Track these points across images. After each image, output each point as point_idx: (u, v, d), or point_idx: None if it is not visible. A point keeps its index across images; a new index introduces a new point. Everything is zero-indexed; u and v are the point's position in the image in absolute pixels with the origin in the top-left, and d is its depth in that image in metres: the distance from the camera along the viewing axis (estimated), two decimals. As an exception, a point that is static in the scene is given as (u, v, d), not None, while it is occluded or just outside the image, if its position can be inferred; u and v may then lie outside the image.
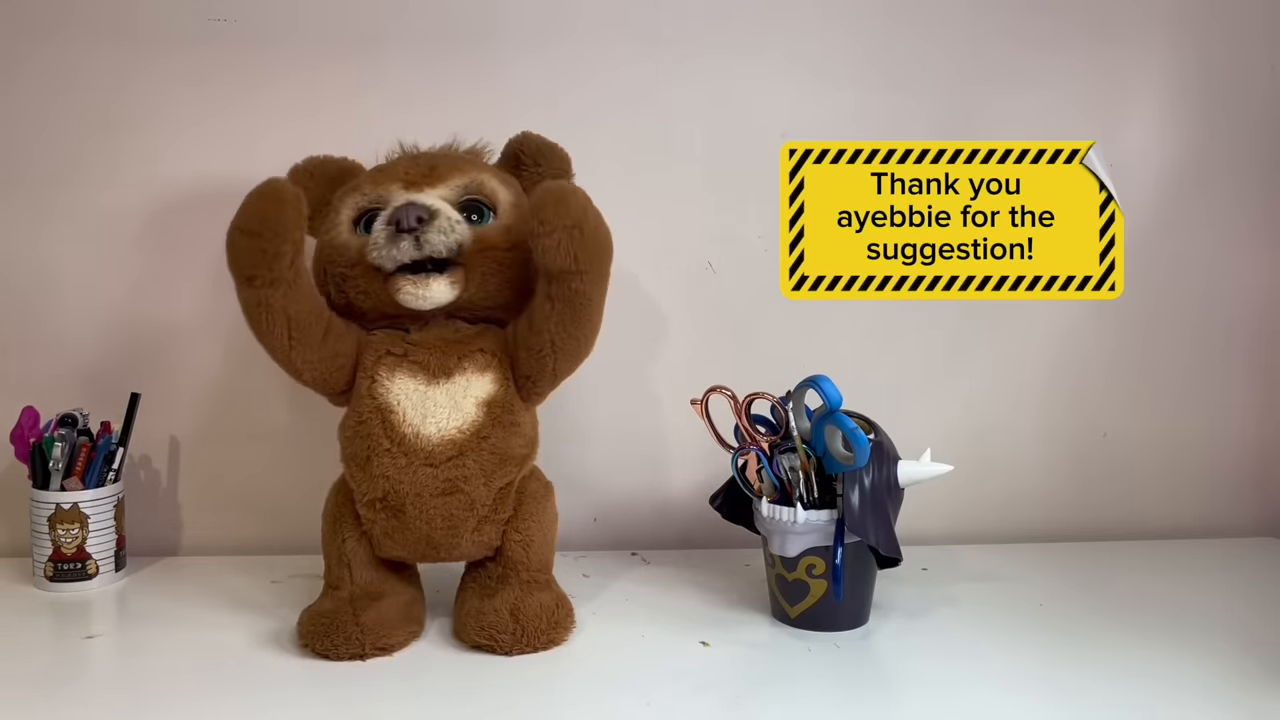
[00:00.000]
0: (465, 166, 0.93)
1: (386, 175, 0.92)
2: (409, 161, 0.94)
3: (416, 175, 0.91)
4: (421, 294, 0.87)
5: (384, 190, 0.91)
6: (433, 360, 0.88)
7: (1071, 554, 1.10)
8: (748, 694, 0.81)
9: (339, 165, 0.99)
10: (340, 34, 1.14)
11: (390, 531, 0.88)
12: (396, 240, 0.85)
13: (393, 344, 0.89)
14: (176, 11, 1.13)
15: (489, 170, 0.94)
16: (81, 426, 1.04)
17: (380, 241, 0.86)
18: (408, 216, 0.85)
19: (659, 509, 1.21)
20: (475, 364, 0.88)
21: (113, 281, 1.14)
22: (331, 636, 0.84)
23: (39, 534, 1.02)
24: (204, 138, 1.14)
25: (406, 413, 0.87)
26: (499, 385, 0.89)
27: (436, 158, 0.94)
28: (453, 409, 0.87)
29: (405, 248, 0.85)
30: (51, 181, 1.13)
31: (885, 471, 0.90)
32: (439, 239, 0.86)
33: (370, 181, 0.93)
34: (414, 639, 0.88)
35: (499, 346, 0.90)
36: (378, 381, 0.88)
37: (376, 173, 0.94)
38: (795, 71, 1.19)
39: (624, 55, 1.17)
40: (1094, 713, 0.78)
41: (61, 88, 1.13)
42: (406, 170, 0.92)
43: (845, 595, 0.90)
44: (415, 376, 0.88)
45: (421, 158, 0.94)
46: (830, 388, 0.86)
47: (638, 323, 1.18)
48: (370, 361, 0.89)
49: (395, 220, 0.85)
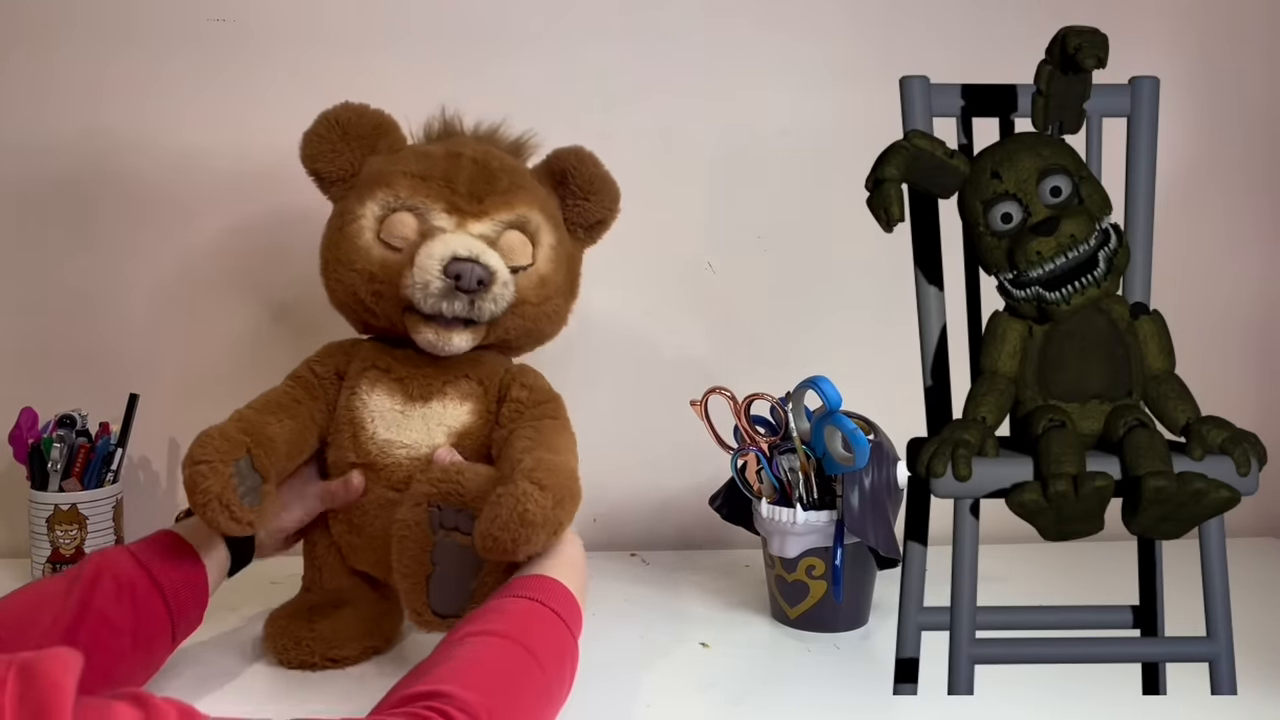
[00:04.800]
0: (514, 197, 0.86)
1: (427, 185, 0.84)
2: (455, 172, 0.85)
3: (461, 199, 0.84)
4: (442, 345, 0.83)
5: (421, 201, 0.83)
6: (415, 382, 0.85)
7: (1072, 554, 1.10)
8: (748, 694, 0.81)
9: (374, 121, 0.89)
10: (340, 34, 1.14)
11: (353, 546, 0.86)
12: (452, 296, 0.80)
13: (379, 357, 0.86)
14: (176, 11, 1.13)
15: (536, 200, 0.87)
16: (80, 427, 1.04)
17: (434, 289, 0.80)
18: (470, 277, 0.79)
19: (659, 509, 1.21)
20: (458, 391, 0.85)
21: (111, 282, 1.14)
22: (283, 639, 0.82)
23: (38, 535, 1.02)
24: (203, 137, 1.14)
25: (377, 432, 0.84)
26: (477, 417, 0.86)
27: (486, 177, 0.85)
28: (424, 434, 0.84)
29: (458, 306, 0.80)
30: (49, 183, 1.13)
31: (885, 472, 0.90)
32: (489, 308, 0.82)
33: (407, 184, 0.84)
34: (373, 654, 0.85)
35: (489, 375, 0.87)
36: (356, 394, 0.86)
37: (417, 174, 0.85)
38: (796, 70, 1.19)
39: (624, 54, 1.17)
40: (1093, 713, 0.78)
41: (61, 88, 1.13)
42: (452, 190, 0.84)
43: (845, 596, 0.90)
44: (394, 395, 0.85)
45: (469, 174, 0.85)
46: (830, 388, 0.86)
47: (638, 323, 1.18)
48: (355, 372, 0.87)
49: (457, 274, 0.79)
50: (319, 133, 0.87)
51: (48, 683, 0.42)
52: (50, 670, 0.43)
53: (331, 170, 0.87)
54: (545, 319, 0.88)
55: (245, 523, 0.75)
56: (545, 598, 0.70)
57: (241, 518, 0.75)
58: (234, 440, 0.76)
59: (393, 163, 0.86)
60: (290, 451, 0.82)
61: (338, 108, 0.88)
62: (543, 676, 0.65)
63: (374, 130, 0.89)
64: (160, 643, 0.75)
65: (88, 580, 0.71)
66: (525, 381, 0.87)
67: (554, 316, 0.89)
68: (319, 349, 0.90)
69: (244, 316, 1.16)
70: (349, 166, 0.87)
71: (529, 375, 0.88)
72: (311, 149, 0.87)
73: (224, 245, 1.15)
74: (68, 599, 0.70)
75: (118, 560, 0.74)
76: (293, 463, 0.84)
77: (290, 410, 0.83)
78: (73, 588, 0.71)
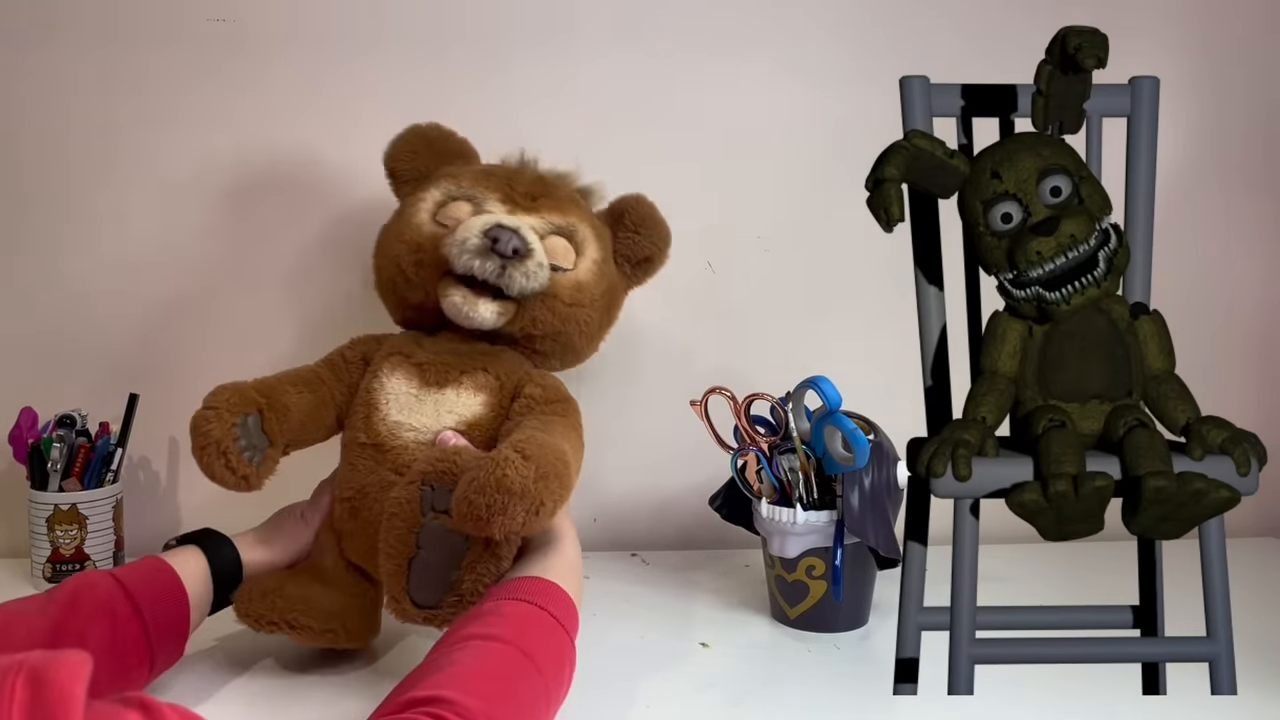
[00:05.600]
0: (568, 207, 0.89)
1: (489, 179, 0.89)
2: (518, 174, 0.90)
3: (518, 195, 0.88)
4: (467, 311, 0.83)
5: (480, 191, 0.88)
6: (433, 368, 0.86)
7: (1072, 554, 1.10)
8: (748, 694, 0.81)
9: (457, 145, 0.95)
10: (340, 34, 1.14)
11: (350, 533, 0.86)
12: (486, 255, 0.81)
13: (404, 344, 0.88)
14: (176, 11, 1.13)
15: (589, 219, 0.91)
16: (80, 427, 1.04)
17: (470, 245, 0.82)
18: (508, 243, 0.81)
19: (658, 509, 1.21)
20: (473, 382, 0.85)
21: (112, 281, 1.14)
22: (251, 590, 0.82)
23: (37, 535, 1.02)
24: (203, 138, 1.14)
25: (389, 413, 0.84)
26: (489, 410, 0.85)
27: (545, 186, 0.90)
28: (434, 419, 0.84)
29: (490, 267, 0.81)
30: (50, 182, 1.13)
31: (885, 472, 0.90)
32: (519, 280, 0.82)
33: (470, 177, 0.89)
34: (330, 640, 0.82)
35: (507, 372, 0.86)
36: (376, 377, 0.86)
37: (481, 171, 0.91)
38: (796, 70, 1.19)
39: (624, 55, 1.17)
40: (1093, 713, 0.78)
41: (60, 88, 1.13)
42: (511, 183, 0.88)
43: (845, 596, 0.90)
44: (410, 380, 0.86)
45: (530, 177, 0.90)
46: (830, 388, 0.86)
47: (638, 323, 1.18)
48: (380, 358, 0.88)
49: (495, 237, 0.81)
50: (406, 139, 0.93)
51: (58, 691, 0.42)
52: (60, 677, 0.42)
53: (407, 170, 0.93)
54: (575, 325, 0.88)
55: (240, 475, 0.77)
56: (544, 601, 0.70)
57: (237, 468, 0.76)
58: (247, 396, 0.79)
59: (461, 166, 0.92)
60: (305, 423, 0.85)
61: (429, 125, 0.94)
62: (541, 682, 0.65)
63: (455, 151, 0.94)
64: (137, 671, 0.73)
65: (65, 599, 0.70)
66: (540, 382, 0.87)
67: (585, 328, 0.89)
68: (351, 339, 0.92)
69: (244, 316, 1.16)
70: (423, 170, 0.92)
71: (547, 377, 0.88)
72: (395, 149, 0.93)
73: (224, 244, 1.15)
74: (43, 617, 0.69)
75: (98, 582, 0.73)
76: (306, 435, 0.86)
77: (312, 385, 0.86)
78: (49, 606, 0.70)
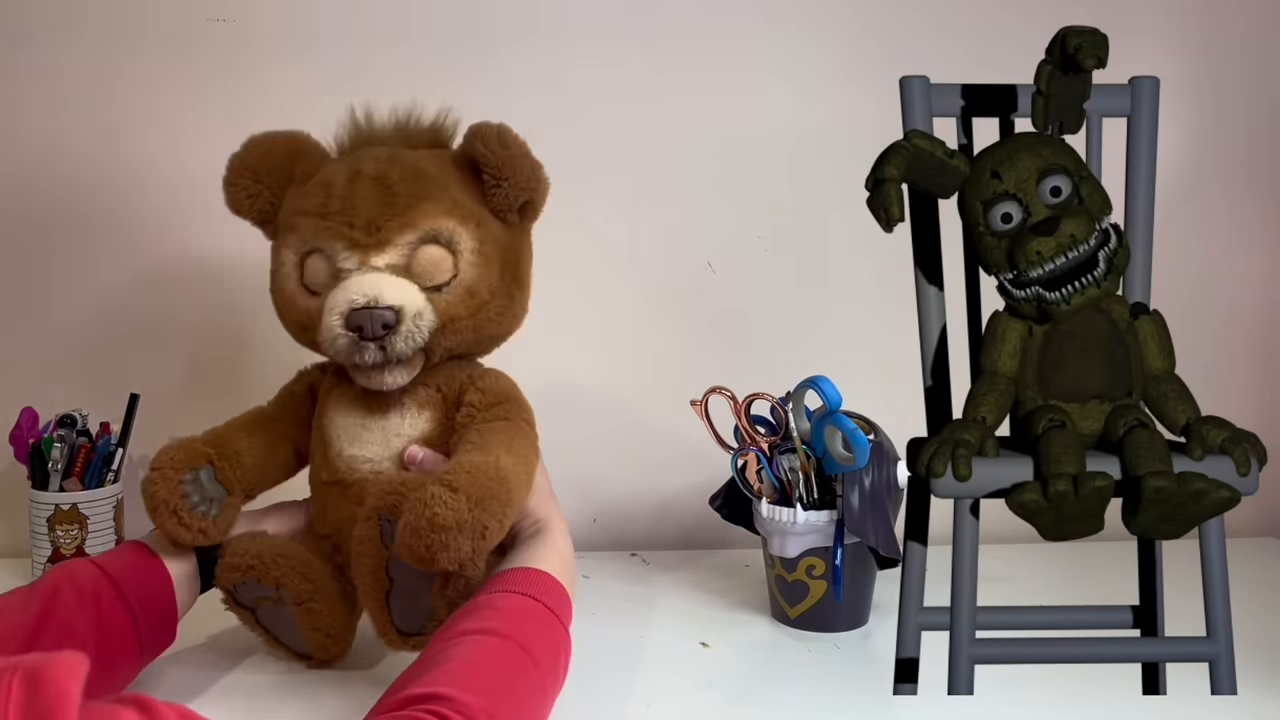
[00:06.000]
0: (416, 215, 0.79)
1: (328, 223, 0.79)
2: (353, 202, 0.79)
3: (360, 233, 0.78)
4: (377, 383, 0.80)
5: (326, 243, 0.79)
6: (373, 395, 0.83)
7: (1072, 554, 1.10)
8: (748, 694, 0.81)
9: (283, 150, 0.85)
10: (339, 34, 1.14)
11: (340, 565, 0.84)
12: (359, 347, 0.77)
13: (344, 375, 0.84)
14: (176, 12, 1.13)
15: (444, 209, 0.80)
16: (80, 427, 1.04)
17: (340, 345, 0.77)
18: (373, 327, 0.76)
19: (658, 509, 1.21)
20: (415, 400, 0.83)
21: (112, 281, 1.14)
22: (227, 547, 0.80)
23: (38, 535, 1.02)
24: (203, 138, 1.13)
25: (342, 449, 0.83)
26: (436, 425, 0.83)
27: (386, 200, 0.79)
28: (384, 447, 0.82)
29: (369, 356, 0.77)
30: (49, 183, 1.13)
31: (885, 472, 0.90)
32: (404, 346, 0.78)
33: (310, 224, 0.80)
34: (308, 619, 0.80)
35: (447, 382, 0.83)
36: (324, 413, 0.85)
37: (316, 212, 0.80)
38: (795, 69, 1.19)
39: (623, 54, 1.17)
40: (1093, 713, 0.78)
41: (59, 89, 1.13)
42: (350, 225, 0.79)
43: (845, 596, 0.90)
44: (354, 410, 0.83)
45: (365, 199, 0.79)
46: (830, 388, 0.86)
47: (638, 323, 1.18)
48: (322, 393, 0.86)
49: (358, 325, 0.76)
50: (231, 180, 0.84)
51: (53, 690, 0.42)
52: (55, 677, 0.42)
53: (255, 214, 0.85)
54: (487, 324, 0.83)
55: (196, 530, 0.76)
56: (538, 593, 0.70)
57: (191, 525, 0.76)
58: (194, 451, 0.79)
59: (298, 200, 0.83)
60: (260, 465, 0.84)
61: (243, 149, 0.84)
62: (538, 674, 0.65)
63: (286, 160, 0.85)
64: (126, 657, 0.73)
65: (47, 590, 0.70)
66: (481, 385, 0.83)
67: (498, 318, 0.83)
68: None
69: (245, 316, 1.16)
70: (269, 205, 0.84)
71: (487, 378, 0.83)
72: (231, 199, 0.85)
73: (225, 244, 1.15)
74: (26, 609, 0.68)
75: (79, 570, 0.73)
76: (265, 477, 0.85)
77: (263, 426, 0.85)
78: (31, 598, 0.69)
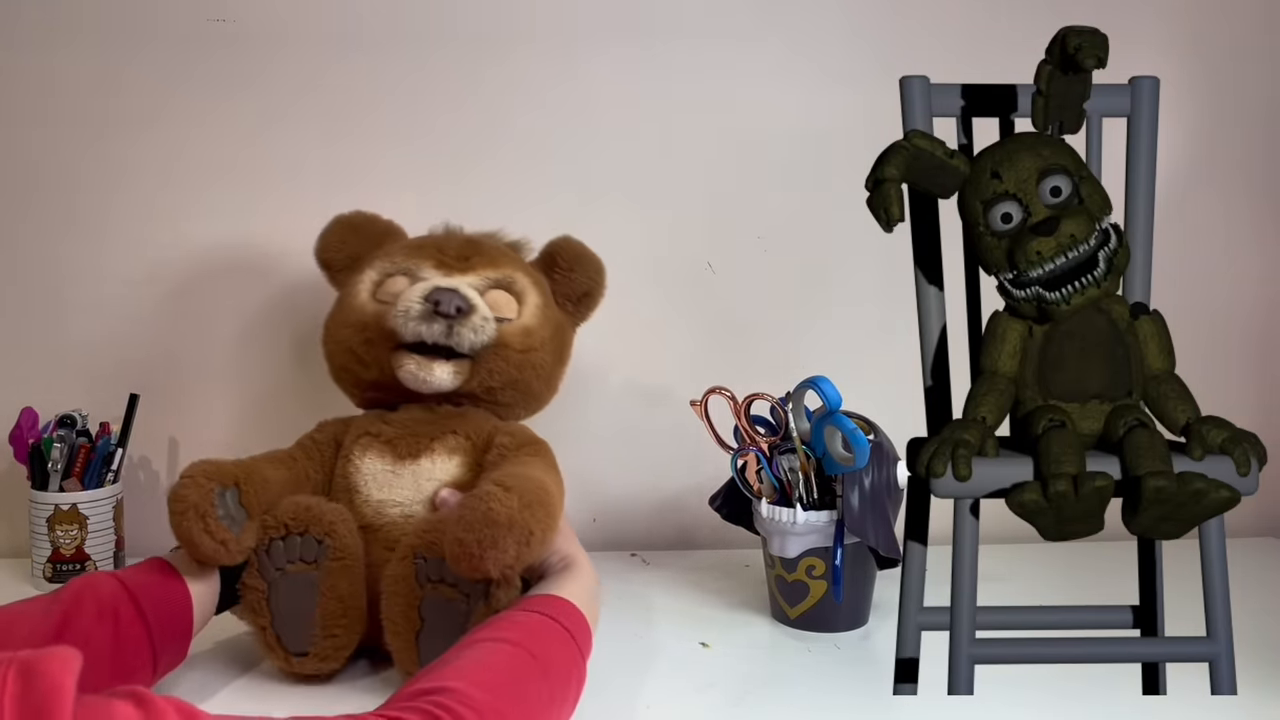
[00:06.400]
0: (501, 261, 0.92)
1: (421, 250, 0.92)
2: (446, 240, 0.93)
3: (451, 259, 0.90)
4: (424, 376, 0.86)
5: (414, 264, 0.90)
6: (403, 441, 0.87)
7: (1072, 554, 1.10)
8: (748, 694, 0.81)
9: (383, 227, 0.97)
10: (340, 34, 1.14)
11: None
12: (431, 319, 0.84)
13: (371, 424, 0.89)
14: (176, 12, 1.13)
15: (523, 268, 0.93)
16: (80, 427, 1.04)
17: (413, 312, 0.84)
18: (449, 303, 0.84)
19: (658, 509, 1.21)
20: (445, 446, 0.87)
21: (112, 282, 1.14)
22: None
23: (38, 535, 1.02)
24: (202, 138, 1.14)
25: (370, 494, 0.86)
26: (465, 469, 0.87)
27: (475, 246, 0.92)
28: (415, 491, 0.86)
29: (437, 329, 0.84)
30: (50, 184, 1.13)
31: (885, 472, 0.90)
32: (468, 336, 0.85)
33: (403, 252, 0.92)
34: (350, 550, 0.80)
35: (476, 430, 0.88)
36: (350, 460, 0.88)
37: (412, 245, 0.93)
38: (795, 70, 1.19)
39: (624, 53, 1.17)
40: (1093, 713, 0.78)
41: (59, 89, 1.13)
42: (441, 249, 0.91)
43: (845, 596, 0.90)
44: (384, 457, 0.87)
45: (459, 241, 0.93)
46: (830, 388, 0.86)
47: (638, 323, 1.18)
48: (349, 442, 0.89)
49: (435, 300, 0.84)
50: (333, 230, 0.96)
51: (48, 683, 0.42)
52: (50, 670, 0.42)
53: (338, 259, 0.95)
54: (531, 370, 0.90)
55: (219, 540, 0.76)
56: (557, 615, 0.70)
57: (215, 533, 0.76)
58: (224, 470, 0.79)
59: (394, 244, 0.95)
60: (282, 495, 0.84)
61: (353, 213, 0.97)
62: (547, 686, 0.65)
63: (382, 233, 0.96)
64: (140, 672, 0.73)
65: (69, 601, 0.70)
66: (508, 430, 0.89)
67: (540, 371, 0.91)
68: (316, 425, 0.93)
69: (245, 316, 1.16)
70: (354, 255, 0.94)
71: (514, 427, 0.90)
72: (324, 241, 0.95)
73: (225, 245, 1.15)
74: (47, 617, 0.69)
75: (102, 583, 0.73)
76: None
77: (286, 464, 0.87)
78: (53, 607, 0.70)
